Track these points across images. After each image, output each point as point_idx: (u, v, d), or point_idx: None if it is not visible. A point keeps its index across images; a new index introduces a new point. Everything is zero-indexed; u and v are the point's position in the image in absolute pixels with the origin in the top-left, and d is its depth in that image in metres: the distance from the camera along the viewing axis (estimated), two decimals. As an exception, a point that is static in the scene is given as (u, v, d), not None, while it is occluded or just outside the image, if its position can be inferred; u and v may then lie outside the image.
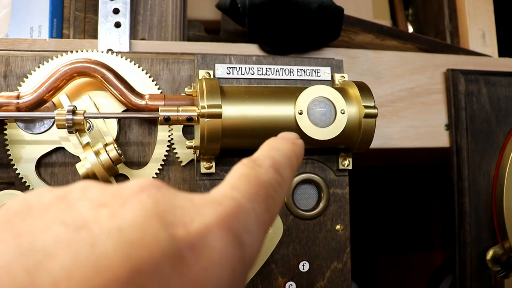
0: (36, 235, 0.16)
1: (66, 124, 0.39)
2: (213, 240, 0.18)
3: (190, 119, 0.40)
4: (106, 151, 0.41)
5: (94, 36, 0.59)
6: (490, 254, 0.59)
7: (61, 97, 0.42)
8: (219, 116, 0.38)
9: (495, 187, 0.60)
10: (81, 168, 0.40)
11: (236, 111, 0.40)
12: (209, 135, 0.39)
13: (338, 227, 0.47)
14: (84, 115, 0.40)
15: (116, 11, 0.54)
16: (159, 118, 0.40)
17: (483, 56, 0.67)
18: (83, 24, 0.60)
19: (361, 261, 1.12)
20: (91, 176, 0.40)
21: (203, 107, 0.38)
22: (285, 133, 0.27)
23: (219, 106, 0.38)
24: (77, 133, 0.42)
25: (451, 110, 0.60)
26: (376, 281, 1.14)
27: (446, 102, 0.61)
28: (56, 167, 0.48)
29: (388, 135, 0.58)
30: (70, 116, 0.39)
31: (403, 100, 0.60)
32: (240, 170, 0.22)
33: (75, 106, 0.41)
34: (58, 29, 0.58)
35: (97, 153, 0.40)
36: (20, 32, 0.56)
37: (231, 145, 0.42)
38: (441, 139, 0.61)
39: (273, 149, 0.24)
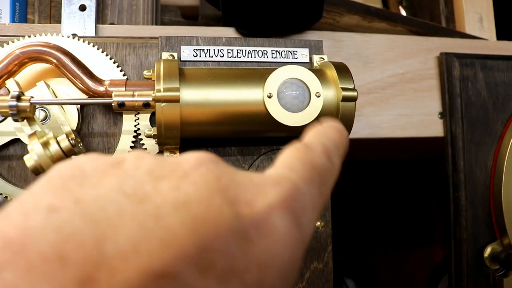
0: (97, 203, 0.15)
1: (10, 112, 0.35)
2: (276, 220, 0.18)
3: (147, 104, 0.36)
4: (57, 141, 0.37)
5: (60, 21, 0.55)
6: (488, 251, 0.54)
7: (8, 82, 0.38)
8: (176, 100, 0.34)
9: (493, 179, 0.55)
10: (29, 160, 0.36)
11: (197, 95, 0.36)
12: (166, 121, 0.35)
13: (318, 223, 0.43)
14: (31, 100, 0.36)
15: (80, -7, 0.50)
16: (113, 104, 0.36)
17: (479, 39, 0.63)
18: (48, 8, 0.56)
19: (359, 258, 1.08)
20: (40, 169, 0.36)
21: (159, 91, 0.34)
22: (330, 121, 0.26)
23: (177, 89, 0.34)
24: (22, 121, 0.38)
25: (445, 96, 0.56)
26: (375, 278, 1.11)
27: (440, 88, 0.57)
28: (13, 160, 0.45)
29: (377, 124, 0.54)
30: (14, 102, 0.35)
31: (394, 86, 0.56)
32: (294, 153, 0.22)
33: (22, 92, 0.37)
34: (21, 14, 0.54)
35: (45, 144, 0.36)
36: (-22, 18, 0.53)
37: (193, 133, 0.38)
38: (434, 128, 0.56)
39: (323, 136, 0.24)
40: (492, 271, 0.54)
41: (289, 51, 0.44)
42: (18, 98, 0.35)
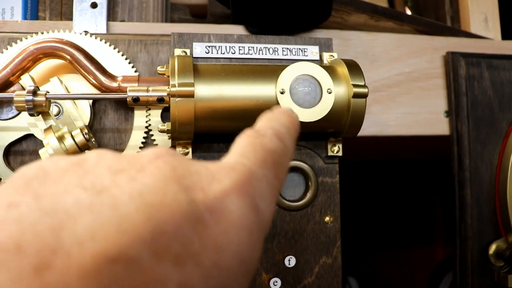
0: (57, 197, 0.16)
1: (26, 106, 0.36)
2: (231, 204, 0.18)
3: (161, 99, 0.36)
4: (72, 135, 0.37)
5: (72, 18, 0.56)
6: (493, 248, 0.55)
7: (24, 77, 0.39)
8: (191, 95, 0.35)
9: (498, 177, 0.56)
10: (45, 154, 0.37)
11: (211, 91, 0.36)
12: (181, 116, 0.35)
13: (327, 219, 0.44)
14: (46, 95, 0.36)
15: (92, -10, 0.50)
16: (128, 99, 0.37)
17: (485, 39, 0.63)
18: (59, 6, 0.56)
19: (362, 257, 1.09)
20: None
21: (174, 86, 0.35)
22: (279, 107, 0.27)
23: (191, 85, 0.35)
24: (42, 116, 0.39)
25: (451, 95, 0.56)
26: (377, 277, 1.11)
27: (446, 87, 0.57)
28: (26, 155, 0.45)
29: (384, 122, 0.55)
30: (30, 97, 0.36)
31: (400, 85, 0.56)
32: (245, 140, 0.22)
33: (37, 87, 0.37)
34: (33, 11, 0.55)
35: (60, 138, 0.37)
36: (-10, 15, 0.53)
37: (206, 128, 0.38)
38: (440, 126, 0.57)
39: (273, 120, 0.25)
40: (497, 268, 0.55)
41: (299, 48, 0.44)
42: (34, 93, 0.36)
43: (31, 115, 0.37)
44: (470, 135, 0.55)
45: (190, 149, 0.41)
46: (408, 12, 0.74)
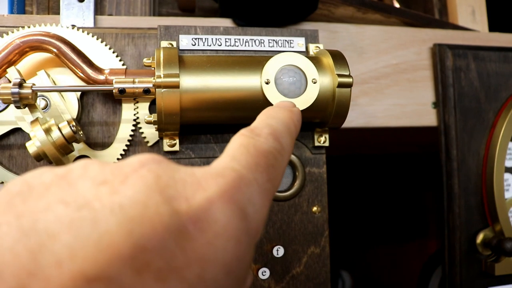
0: (38, 215, 0.16)
1: (12, 99, 0.36)
2: (216, 213, 0.18)
3: (147, 90, 0.36)
4: (59, 128, 0.37)
5: (59, 13, 0.55)
6: (480, 237, 0.55)
7: (10, 70, 0.39)
8: (176, 86, 0.35)
9: (485, 167, 0.56)
10: (31, 146, 0.37)
11: (196, 81, 0.36)
12: (166, 107, 0.35)
13: (315, 209, 0.44)
14: (32, 88, 0.36)
15: (79, -16, 0.50)
16: (114, 91, 0.37)
17: (472, 31, 0.64)
18: (47, 0, 0.56)
19: (355, 251, 1.09)
20: (42, 155, 0.37)
21: (159, 77, 0.35)
22: (282, 101, 0.27)
23: (177, 75, 0.35)
24: (27, 109, 0.39)
25: (439, 87, 0.57)
26: (370, 271, 1.12)
27: (433, 79, 0.58)
28: (14, 149, 0.45)
29: (372, 114, 0.55)
30: (16, 90, 0.36)
31: (388, 77, 0.57)
32: (239, 140, 0.22)
33: (23, 79, 0.37)
34: (19, 6, 0.55)
35: (47, 130, 0.37)
36: (-23, 9, 0.53)
37: (193, 119, 0.38)
38: (428, 117, 0.57)
39: (271, 117, 0.24)
40: (484, 257, 0.56)
41: (285, 40, 0.45)
42: (20, 85, 0.36)
43: (18, 107, 0.37)
44: (457, 125, 0.56)
45: (177, 140, 0.41)
46: (397, 4, 0.75)
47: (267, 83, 0.37)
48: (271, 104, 0.37)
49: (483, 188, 0.56)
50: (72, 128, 0.38)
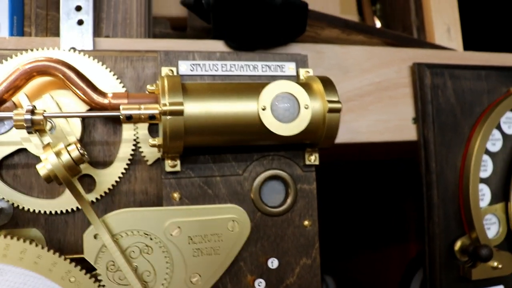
0: None
1: (25, 125, 0.38)
2: None
3: (152, 117, 0.39)
4: (68, 151, 0.40)
5: (57, 34, 0.57)
6: (458, 245, 0.60)
7: (20, 96, 0.41)
8: (180, 113, 0.38)
9: (461, 178, 0.60)
10: (42, 169, 0.39)
11: (198, 108, 0.39)
12: (171, 133, 0.38)
13: (306, 222, 0.47)
14: (44, 114, 0.39)
15: (78, 8, 0.52)
16: (121, 117, 0.39)
17: (448, 50, 0.68)
18: (45, 22, 0.58)
19: (338, 255, 1.13)
20: (52, 177, 0.39)
21: (165, 105, 0.38)
22: None
23: (181, 104, 0.38)
24: (37, 133, 0.41)
25: (418, 103, 0.61)
26: (352, 274, 1.15)
27: (413, 96, 0.62)
28: (19, 168, 0.47)
29: (356, 129, 0.59)
30: (29, 116, 0.38)
31: (371, 94, 0.60)
32: None
33: (34, 106, 0.40)
34: (18, 27, 0.56)
35: (58, 154, 0.39)
36: (-23, 31, 0.55)
37: (194, 143, 0.41)
38: (409, 132, 0.61)
39: None
40: (462, 262, 0.60)
41: (277, 65, 0.48)
42: (32, 112, 0.38)
43: (29, 133, 0.39)
44: (435, 139, 0.60)
45: (178, 162, 0.44)
46: (378, 23, 0.78)
47: (263, 109, 0.40)
48: (267, 129, 0.40)
49: (460, 198, 0.60)
50: (80, 151, 0.40)
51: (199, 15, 0.55)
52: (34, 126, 0.39)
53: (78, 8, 0.53)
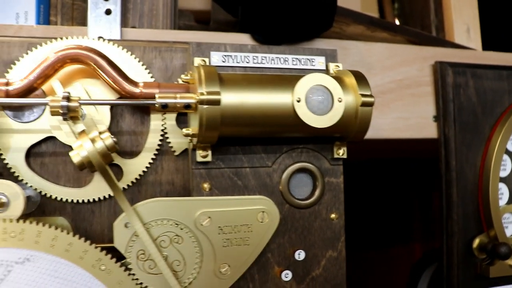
0: None
1: (61, 111, 0.38)
2: None
3: (188, 106, 0.39)
4: (102, 138, 0.40)
5: (82, 23, 0.57)
6: (476, 242, 0.60)
7: (53, 83, 0.41)
8: (218, 103, 0.38)
9: (481, 177, 0.61)
10: (76, 156, 0.39)
11: (234, 98, 0.40)
12: (207, 122, 0.38)
13: (333, 216, 0.48)
14: (79, 101, 0.39)
15: (106, -2, 0.53)
16: (156, 105, 0.39)
17: (468, 49, 0.68)
18: (71, 11, 0.58)
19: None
20: (86, 164, 0.39)
21: (202, 94, 0.38)
22: None
23: (218, 93, 0.38)
24: (70, 121, 0.41)
25: (439, 101, 0.61)
26: (357, 274, 1.16)
27: (434, 94, 0.62)
28: (46, 157, 0.47)
29: (379, 126, 0.59)
30: (65, 103, 0.38)
31: (393, 92, 0.60)
32: None
33: (69, 93, 0.40)
34: (45, 16, 0.56)
35: (92, 141, 0.39)
36: (5, 18, 0.55)
37: (228, 133, 0.41)
38: (429, 130, 0.62)
39: None
40: (480, 260, 0.60)
41: (307, 58, 0.48)
42: (68, 99, 0.38)
43: (65, 119, 0.39)
44: (456, 138, 0.60)
45: (209, 152, 0.44)
46: (397, 21, 0.79)
47: (298, 101, 0.40)
48: (301, 121, 0.41)
49: (479, 196, 0.61)
50: (113, 139, 0.40)
51: (226, 9, 0.56)
52: (69, 113, 0.39)
53: (106, -2, 0.53)
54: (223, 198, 0.44)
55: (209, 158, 0.44)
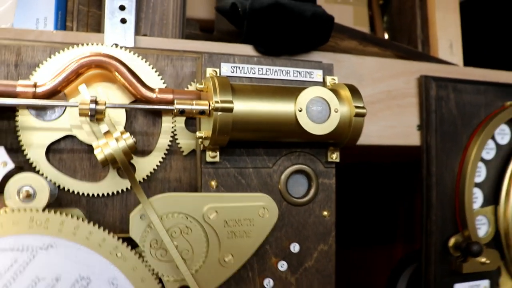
0: None
1: (89, 113, 0.43)
2: None
3: (202, 112, 0.44)
4: (124, 138, 0.44)
5: (97, 30, 0.62)
6: (452, 241, 0.66)
7: (80, 87, 0.46)
8: (231, 110, 0.43)
9: (458, 182, 0.67)
10: (100, 154, 0.44)
11: (244, 107, 0.45)
12: (220, 127, 0.43)
13: (325, 213, 0.53)
14: (106, 105, 0.43)
15: (122, 7, 0.57)
16: (174, 111, 0.44)
17: (451, 65, 0.74)
18: (86, 18, 0.62)
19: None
20: (109, 161, 0.44)
21: (217, 102, 0.43)
22: None
23: (231, 102, 0.43)
24: (91, 121, 0.46)
25: (423, 112, 0.67)
26: (340, 273, 1.20)
27: (419, 105, 0.68)
28: (64, 153, 0.51)
29: (368, 133, 0.64)
30: (93, 106, 0.43)
31: (381, 102, 0.66)
32: None
33: (96, 97, 0.44)
34: (62, 22, 0.60)
35: (117, 140, 0.44)
36: (25, 23, 0.58)
37: (237, 137, 0.46)
38: (413, 138, 0.67)
39: None
40: (454, 257, 0.66)
41: (307, 71, 0.53)
42: (96, 102, 0.43)
43: (92, 121, 0.44)
44: (437, 146, 0.66)
45: (218, 153, 0.49)
46: (386, 36, 0.84)
47: (300, 110, 0.46)
48: (302, 128, 0.46)
49: (456, 200, 0.67)
50: (133, 139, 0.45)
51: (231, 21, 0.60)
52: (97, 115, 0.43)
53: (122, 8, 0.57)
54: (229, 194, 0.49)
55: (217, 159, 0.49)
